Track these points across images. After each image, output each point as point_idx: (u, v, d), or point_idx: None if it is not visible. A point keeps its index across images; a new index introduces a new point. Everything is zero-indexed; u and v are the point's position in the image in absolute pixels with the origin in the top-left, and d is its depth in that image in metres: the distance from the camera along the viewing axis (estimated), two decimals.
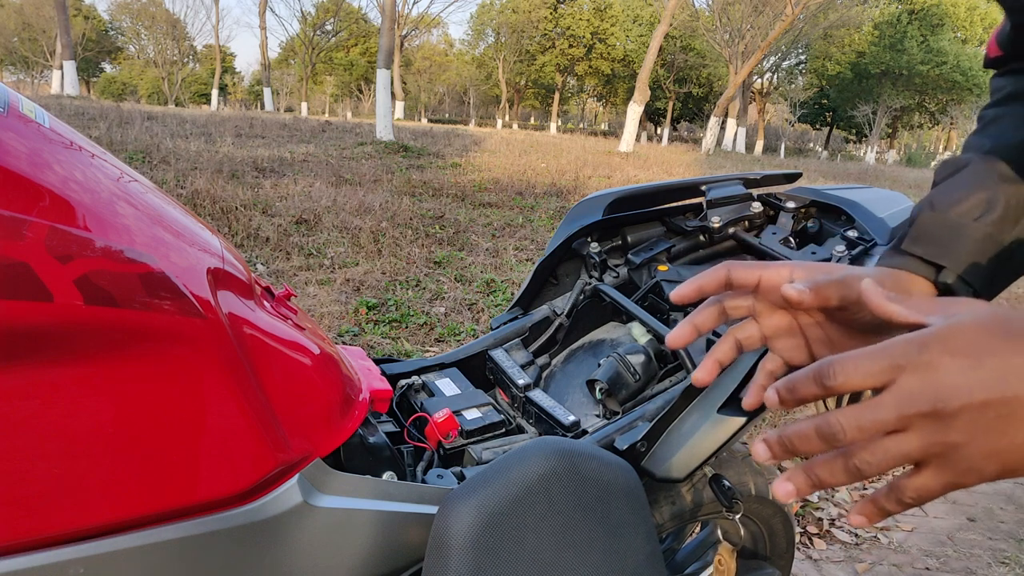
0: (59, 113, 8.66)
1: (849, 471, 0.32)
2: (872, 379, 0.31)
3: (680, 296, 0.44)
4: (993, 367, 0.29)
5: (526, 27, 31.84)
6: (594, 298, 1.12)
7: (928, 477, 0.32)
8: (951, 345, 0.30)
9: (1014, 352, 0.29)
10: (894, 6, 28.41)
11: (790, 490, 0.34)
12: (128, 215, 0.49)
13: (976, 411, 0.29)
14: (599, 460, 0.70)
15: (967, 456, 0.30)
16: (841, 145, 40.43)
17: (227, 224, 4.19)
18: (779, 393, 0.34)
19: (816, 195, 1.13)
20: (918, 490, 0.32)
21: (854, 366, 0.31)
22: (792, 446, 0.33)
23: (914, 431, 0.31)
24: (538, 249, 4.54)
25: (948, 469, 0.31)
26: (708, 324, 0.45)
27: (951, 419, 0.30)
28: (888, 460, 0.31)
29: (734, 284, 0.44)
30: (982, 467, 0.30)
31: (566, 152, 11.46)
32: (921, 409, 0.30)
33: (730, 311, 0.45)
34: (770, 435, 0.34)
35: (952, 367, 0.30)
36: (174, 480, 0.50)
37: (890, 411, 0.30)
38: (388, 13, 10.35)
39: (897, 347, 0.31)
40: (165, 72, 40.24)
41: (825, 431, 0.32)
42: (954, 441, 0.30)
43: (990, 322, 0.31)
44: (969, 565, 1.81)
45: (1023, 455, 0.29)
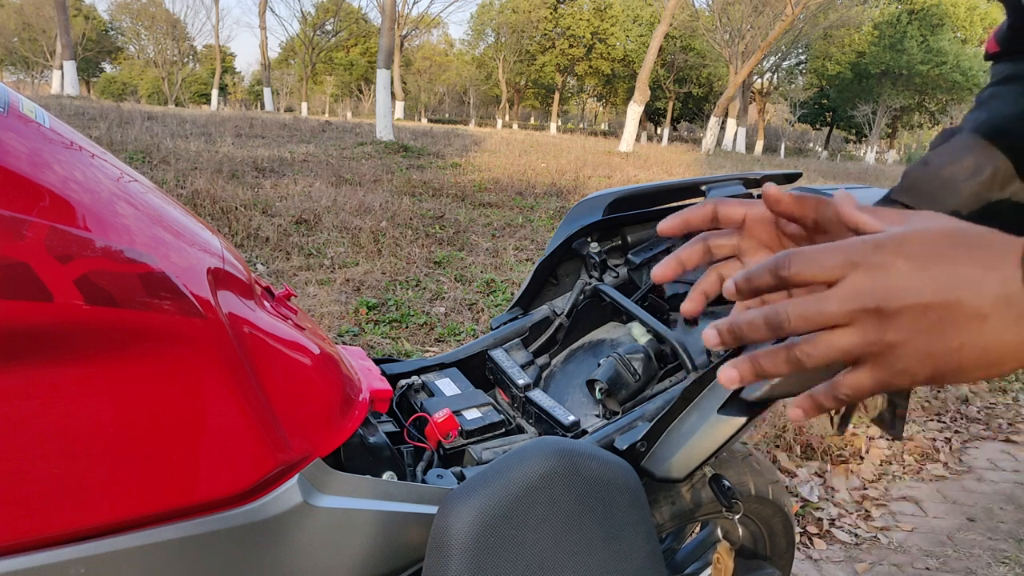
0: (59, 113, 8.66)
1: (791, 360, 0.33)
2: (825, 272, 0.32)
3: (665, 228, 0.44)
4: (941, 271, 0.30)
5: (526, 27, 31.84)
6: (594, 298, 1.12)
7: (863, 375, 0.33)
8: (905, 248, 0.31)
9: (963, 261, 0.31)
10: (894, 6, 28.41)
11: (733, 375, 0.35)
12: (128, 215, 0.49)
13: (918, 312, 0.30)
14: (599, 460, 0.70)
15: (903, 356, 0.31)
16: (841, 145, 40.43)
17: (227, 224, 4.19)
18: (736, 283, 0.35)
19: (817, 194, 1.12)
20: (852, 387, 0.33)
21: (810, 258, 0.32)
22: (740, 332, 0.34)
23: (856, 327, 0.32)
24: (538, 249, 4.54)
25: (883, 368, 0.32)
26: (693, 260, 0.46)
27: (893, 318, 0.31)
28: (828, 353, 0.32)
29: (720, 219, 0.45)
30: (915, 369, 0.31)
31: (566, 152, 11.47)
32: (866, 305, 0.31)
33: (715, 249, 0.46)
34: (721, 323, 0.35)
35: (902, 268, 0.31)
36: (174, 480, 0.50)
37: (837, 304, 0.32)
38: (388, 13, 10.35)
39: (853, 245, 0.32)
40: (165, 72, 40.24)
41: (772, 318, 0.33)
42: (892, 340, 0.31)
43: (947, 231, 0.32)
44: (969, 565, 1.81)
45: (955, 361, 0.31)
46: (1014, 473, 2.36)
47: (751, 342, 0.35)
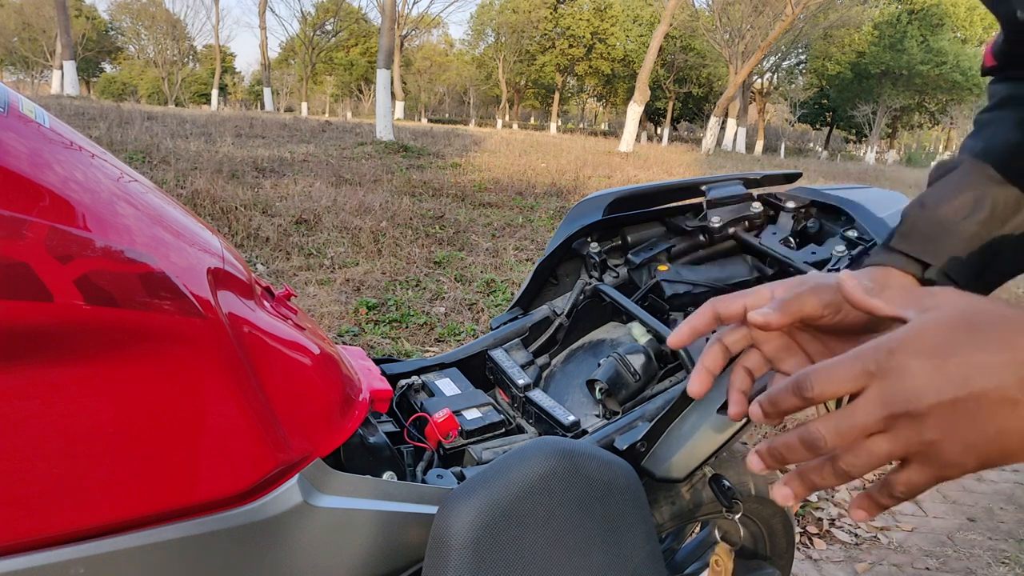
0: (59, 113, 8.66)
1: (838, 474, 0.34)
2: (847, 386, 0.33)
3: (676, 340, 0.45)
4: (957, 365, 0.30)
5: (526, 27, 31.84)
6: (594, 298, 1.12)
7: (914, 472, 0.33)
8: (917, 347, 0.32)
9: (976, 350, 0.31)
10: (894, 6, 28.41)
11: (788, 494, 0.36)
12: (128, 215, 0.49)
13: (946, 409, 0.30)
14: (599, 460, 0.70)
15: (946, 451, 0.31)
16: (841, 145, 40.43)
17: (227, 224, 4.19)
18: (762, 407, 0.36)
19: (816, 195, 1.13)
20: (906, 484, 0.33)
21: (828, 376, 0.33)
22: (781, 456, 0.35)
23: (892, 432, 0.32)
24: (538, 249, 4.54)
25: (931, 464, 0.32)
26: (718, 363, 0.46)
27: (924, 418, 0.31)
28: (872, 460, 0.33)
29: (723, 318, 0.45)
30: (962, 461, 0.31)
31: (566, 152, 11.46)
32: (894, 411, 0.31)
33: (731, 346, 0.47)
34: (761, 447, 0.36)
35: (919, 369, 0.31)
36: (174, 480, 0.50)
37: (865, 416, 0.32)
38: (388, 13, 10.35)
39: (867, 353, 0.33)
40: (165, 72, 40.24)
41: (807, 440, 0.34)
42: (930, 439, 0.31)
43: (955, 318, 0.32)
44: (969, 565, 1.81)
45: (997, 447, 0.30)
46: (1014, 473, 2.36)
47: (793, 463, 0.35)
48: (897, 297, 0.36)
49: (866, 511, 0.36)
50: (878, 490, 0.35)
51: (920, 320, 0.33)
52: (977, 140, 0.59)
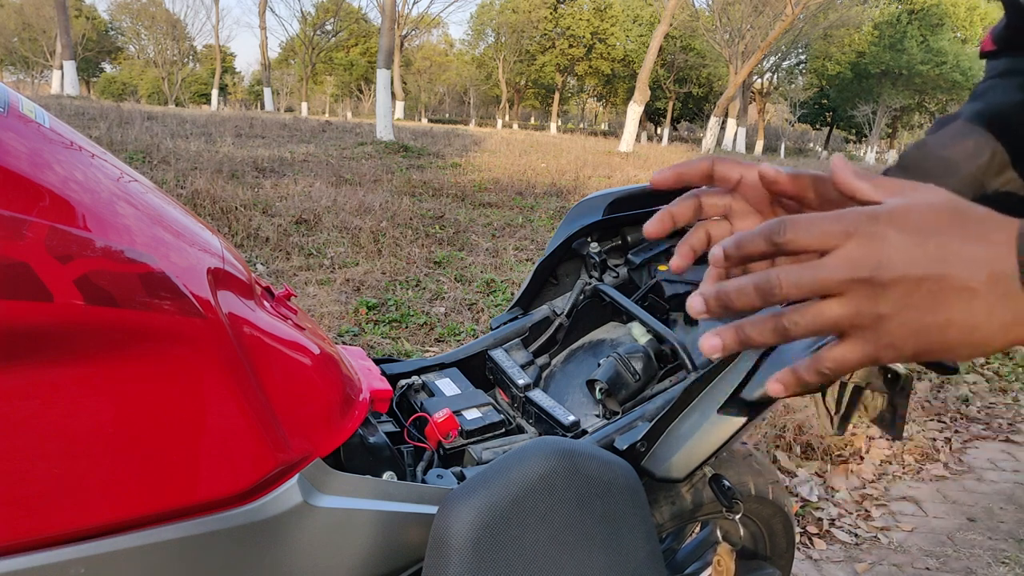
0: (59, 113, 8.66)
1: (778, 329, 0.33)
2: (820, 240, 0.32)
3: (659, 180, 0.43)
4: (935, 245, 0.30)
5: (526, 27, 31.84)
6: (594, 298, 1.12)
7: (848, 348, 0.32)
8: (901, 221, 0.31)
9: (959, 236, 0.30)
10: (894, 6, 28.41)
11: (716, 343, 0.34)
12: (128, 215, 0.49)
13: (910, 285, 0.30)
14: (599, 460, 0.70)
15: (891, 329, 0.31)
16: (841, 145, 40.43)
17: (227, 224, 4.19)
18: (725, 249, 0.34)
19: None
20: (836, 360, 0.33)
21: (805, 226, 0.32)
22: (728, 299, 0.33)
23: (847, 297, 0.31)
24: (538, 249, 4.54)
25: (870, 341, 0.32)
26: (685, 215, 0.45)
27: (885, 289, 0.30)
28: (816, 323, 0.32)
29: (716, 177, 0.44)
30: (902, 343, 0.31)
31: (566, 152, 11.46)
32: (860, 275, 0.31)
33: (707, 207, 0.45)
34: (706, 289, 0.34)
35: (897, 240, 0.31)
36: (174, 480, 0.50)
37: (829, 272, 0.31)
38: (388, 13, 10.35)
39: (849, 215, 0.32)
40: (165, 72, 40.24)
41: (762, 284, 0.32)
42: (882, 312, 0.31)
43: (944, 206, 0.32)
44: (969, 565, 1.81)
45: (942, 336, 0.30)
46: (1014, 473, 2.36)
47: (738, 309, 0.33)
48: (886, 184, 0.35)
49: (784, 385, 0.35)
50: (804, 365, 0.34)
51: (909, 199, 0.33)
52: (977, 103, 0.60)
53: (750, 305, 0.33)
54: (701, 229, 0.45)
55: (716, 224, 0.45)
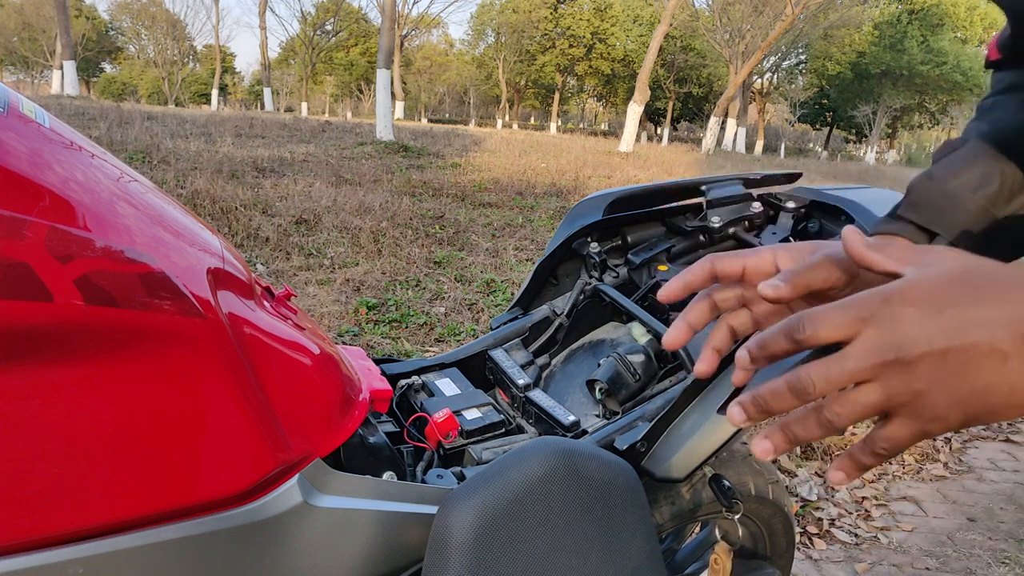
0: (59, 113, 8.66)
1: (822, 424, 0.33)
2: (839, 331, 0.32)
3: (667, 294, 0.44)
4: (951, 316, 0.30)
5: (526, 27, 31.83)
6: (594, 298, 1.12)
7: (897, 427, 0.32)
8: (913, 296, 0.31)
9: (973, 302, 0.30)
10: (894, 6, 28.41)
11: (768, 447, 0.35)
12: (128, 215, 0.49)
13: (936, 359, 0.30)
14: (599, 460, 0.70)
15: (931, 404, 0.31)
16: (841, 145, 40.43)
17: (227, 224, 4.19)
18: (750, 351, 0.35)
19: (816, 195, 1.13)
20: (888, 440, 0.33)
21: (822, 319, 0.32)
22: (766, 404, 0.34)
23: (879, 381, 0.31)
24: (538, 249, 4.54)
25: (915, 417, 0.32)
26: (702, 320, 0.45)
27: (913, 367, 0.31)
28: (857, 410, 0.32)
29: (719, 276, 0.44)
30: (946, 414, 0.31)
31: (566, 152, 11.46)
32: (884, 358, 0.31)
33: (720, 304, 0.45)
34: (744, 397, 0.35)
35: (913, 317, 0.31)
36: (174, 480, 0.50)
37: (855, 361, 0.31)
38: (388, 13, 10.35)
39: (862, 300, 0.32)
40: (165, 72, 40.24)
41: (795, 385, 0.33)
42: (917, 389, 0.31)
43: (953, 273, 0.32)
44: (969, 565, 1.81)
45: (983, 402, 0.30)
46: (1014, 473, 2.36)
47: (777, 413, 0.34)
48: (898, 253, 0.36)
49: (846, 472, 0.35)
50: (859, 448, 0.34)
51: (918, 273, 0.33)
52: (982, 123, 0.59)
53: (788, 407, 0.34)
54: (723, 326, 0.46)
55: (736, 316, 0.46)
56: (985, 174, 0.54)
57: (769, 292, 0.39)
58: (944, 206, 0.54)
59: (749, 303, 0.45)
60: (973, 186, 0.54)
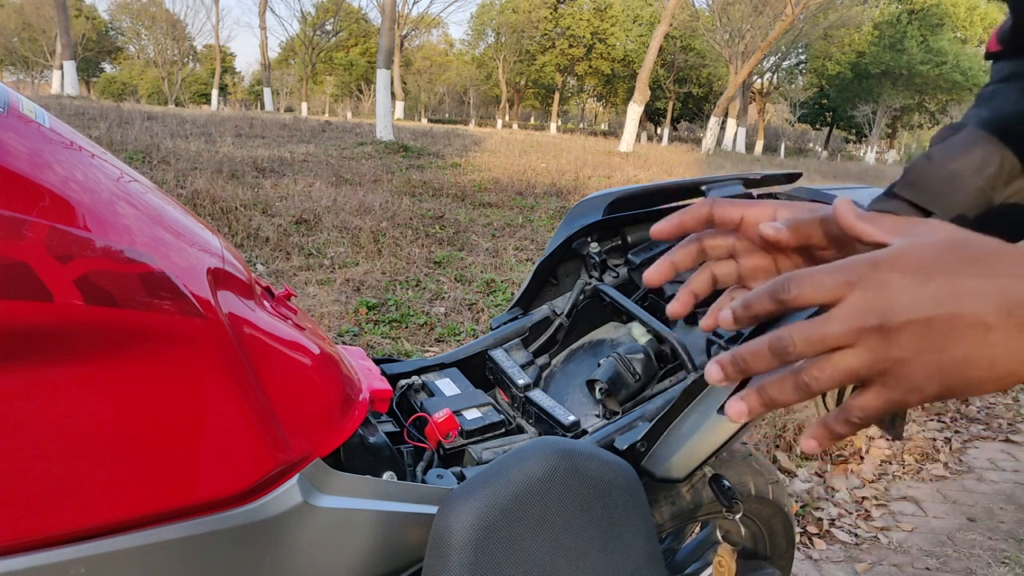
0: (59, 113, 8.66)
1: (799, 387, 0.33)
2: (825, 293, 0.32)
3: (659, 231, 0.43)
4: (940, 285, 0.30)
5: (526, 27, 31.83)
6: (594, 298, 1.12)
7: (873, 395, 0.32)
8: (903, 263, 0.31)
9: (963, 272, 0.30)
10: (894, 6, 28.41)
11: (742, 408, 0.35)
12: (128, 215, 0.49)
13: (920, 327, 0.30)
14: (599, 460, 0.70)
15: (910, 373, 0.31)
16: (841, 145, 40.43)
17: (227, 224, 4.19)
18: (734, 311, 0.35)
19: (816, 195, 1.13)
20: (863, 408, 0.33)
21: (808, 281, 0.32)
22: (744, 363, 0.34)
23: (861, 346, 0.31)
24: (538, 249, 4.54)
25: (892, 386, 0.32)
26: (687, 261, 0.45)
27: (896, 334, 0.30)
28: (835, 375, 0.32)
29: (717, 221, 0.43)
30: (924, 385, 0.31)
31: (566, 152, 11.46)
32: (868, 323, 0.31)
33: (709, 250, 0.45)
34: (722, 356, 0.35)
35: (901, 284, 0.31)
36: (174, 480, 0.50)
37: (838, 324, 0.31)
38: (388, 13, 10.35)
39: (850, 265, 0.32)
40: (165, 72, 40.24)
41: (776, 344, 0.33)
42: (898, 356, 0.31)
43: (945, 243, 0.32)
44: (969, 565, 1.81)
45: (963, 374, 0.30)
46: (1014, 473, 2.36)
47: (757, 372, 0.34)
48: (888, 224, 0.35)
49: (818, 440, 0.35)
50: (833, 417, 0.34)
51: (909, 241, 0.33)
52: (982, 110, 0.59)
53: (767, 367, 0.33)
54: (706, 271, 0.45)
55: (720, 264, 0.45)
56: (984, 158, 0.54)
57: (770, 232, 0.39)
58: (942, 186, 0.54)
59: (738, 255, 0.44)
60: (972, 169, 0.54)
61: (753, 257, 0.44)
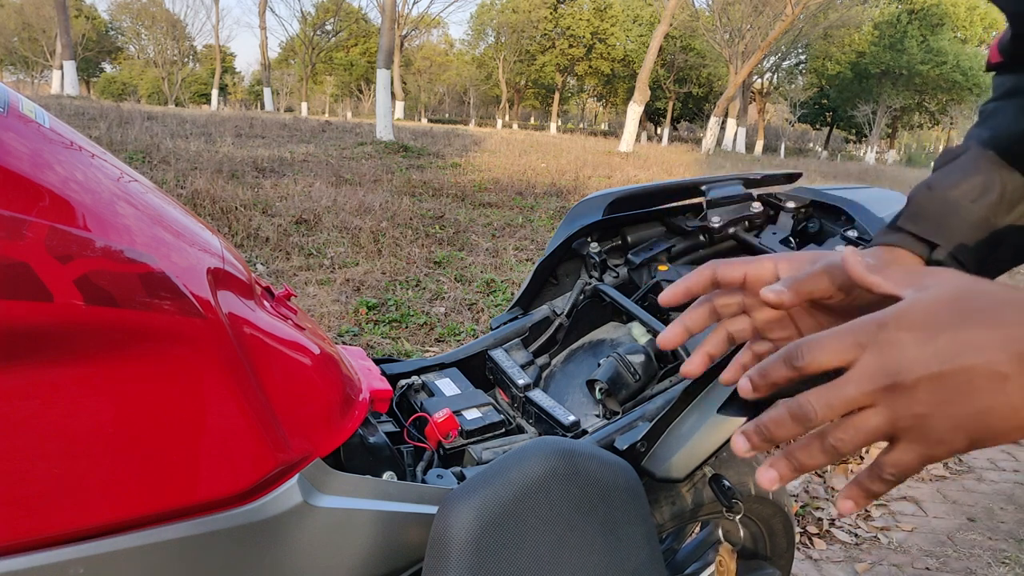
0: (59, 113, 8.66)
1: (826, 451, 0.33)
2: (837, 357, 0.32)
3: (668, 299, 0.44)
4: (947, 340, 0.30)
5: (526, 27, 31.83)
6: (594, 298, 1.12)
7: (902, 452, 0.32)
8: (909, 321, 0.32)
9: (969, 324, 0.31)
10: (894, 6, 28.41)
11: (773, 477, 0.35)
12: (128, 215, 0.49)
13: (933, 382, 0.30)
14: (599, 460, 0.70)
15: (934, 427, 0.31)
16: (841, 145, 40.43)
17: (227, 224, 4.19)
18: (751, 380, 0.36)
19: (816, 195, 1.13)
20: (895, 465, 0.33)
21: (820, 347, 0.33)
22: (768, 432, 0.34)
23: (880, 406, 0.32)
24: (538, 249, 4.54)
25: (919, 441, 0.32)
26: (699, 324, 0.46)
27: (911, 391, 0.31)
28: (860, 436, 0.32)
29: (721, 283, 0.44)
30: (950, 438, 0.31)
31: (566, 152, 11.46)
32: (883, 383, 0.31)
33: (720, 309, 0.46)
34: (747, 426, 0.35)
35: (909, 342, 0.31)
36: (174, 480, 0.50)
37: (854, 387, 0.32)
38: (388, 13, 10.35)
39: (859, 326, 0.33)
40: (165, 72, 40.23)
41: (797, 412, 0.33)
42: (919, 413, 0.31)
43: (949, 296, 0.32)
44: (969, 565, 1.81)
45: (985, 424, 0.30)
46: (1014, 473, 2.36)
47: (781, 440, 0.34)
48: (898, 276, 0.36)
49: (854, 500, 0.35)
50: (866, 476, 0.34)
51: (915, 297, 0.33)
52: (983, 129, 0.59)
53: (791, 435, 0.34)
54: (721, 330, 0.46)
55: (735, 321, 0.46)
56: (985, 183, 0.54)
57: (771, 297, 0.40)
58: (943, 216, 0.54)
59: (749, 310, 0.46)
60: (973, 196, 0.54)
61: (764, 310, 0.45)
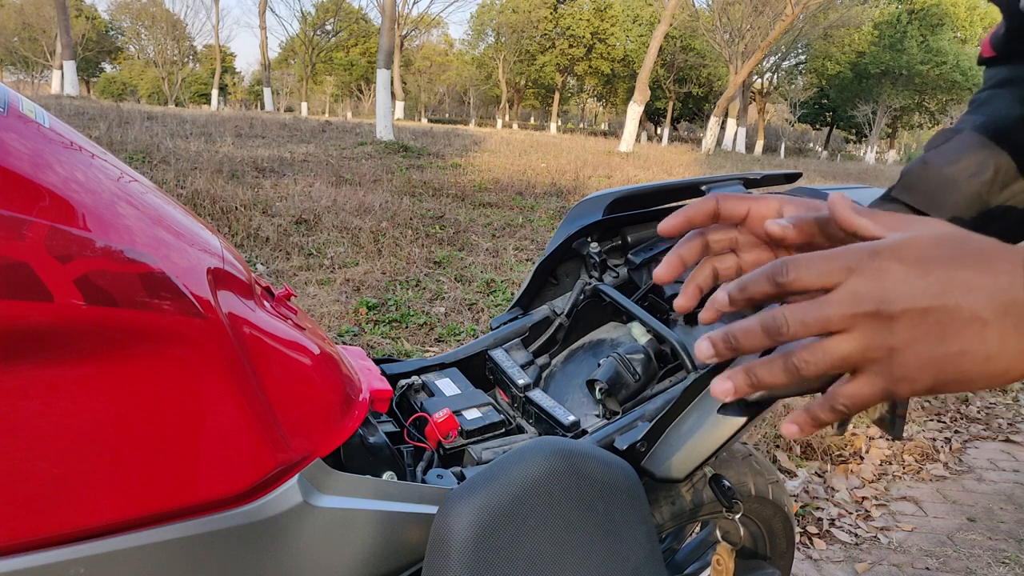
0: (59, 113, 8.66)
1: (788, 369, 0.33)
2: (823, 278, 0.32)
3: (668, 228, 0.43)
4: (938, 277, 0.30)
5: (526, 27, 31.85)
6: (594, 298, 1.12)
7: (863, 383, 0.32)
8: (903, 254, 0.31)
9: (961, 265, 0.30)
10: (894, 6, 28.41)
11: (727, 387, 0.34)
12: (128, 215, 0.49)
13: (917, 317, 0.30)
14: (599, 460, 0.70)
15: (903, 363, 0.31)
16: (841, 145, 40.43)
17: (227, 224, 4.19)
18: (730, 293, 0.35)
19: (816, 195, 1.12)
20: (851, 396, 0.32)
21: (807, 265, 0.32)
22: (736, 341, 0.33)
23: (855, 332, 0.31)
24: (538, 249, 4.54)
25: (883, 375, 0.31)
26: (693, 255, 0.45)
27: (892, 322, 0.30)
28: (827, 360, 0.32)
29: (722, 215, 0.44)
30: (916, 376, 0.31)
31: (566, 152, 11.46)
32: (865, 309, 0.31)
33: (712, 244, 0.45)
34: (714, 333, 0.34)
35: (900, 273, 0.31)
36: (174, 480, 0.50)
37: (835, 308, 0.31)
38: (388, 13, 10.35)
39: (850, 251, 0.32)
40: (165, 72, 40.23)
41: (770, 324, 0.32)
42: (892, 345, 0.30)
43: (945, 237, 0.32)
44: (969, 565, 1.81)
45: (957, 368, 0.30)
46: (1014, 473, 2.36)
47: (748, 351, 0.33)
48: (885, 219, 0.35)
49: (800, 426, 0.34)
50: (819, 404, 0.34)
51: (910, 232, 0.33)
52: (977, 115, 0.60)
53: (759, 346, 0.33)
54: (707, 266, 0.45)
55: (722, 259, 0.45)
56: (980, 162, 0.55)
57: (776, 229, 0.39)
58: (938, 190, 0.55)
59: (739, 248, 0.45)
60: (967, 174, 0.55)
61: (754, 251, 0.44)
